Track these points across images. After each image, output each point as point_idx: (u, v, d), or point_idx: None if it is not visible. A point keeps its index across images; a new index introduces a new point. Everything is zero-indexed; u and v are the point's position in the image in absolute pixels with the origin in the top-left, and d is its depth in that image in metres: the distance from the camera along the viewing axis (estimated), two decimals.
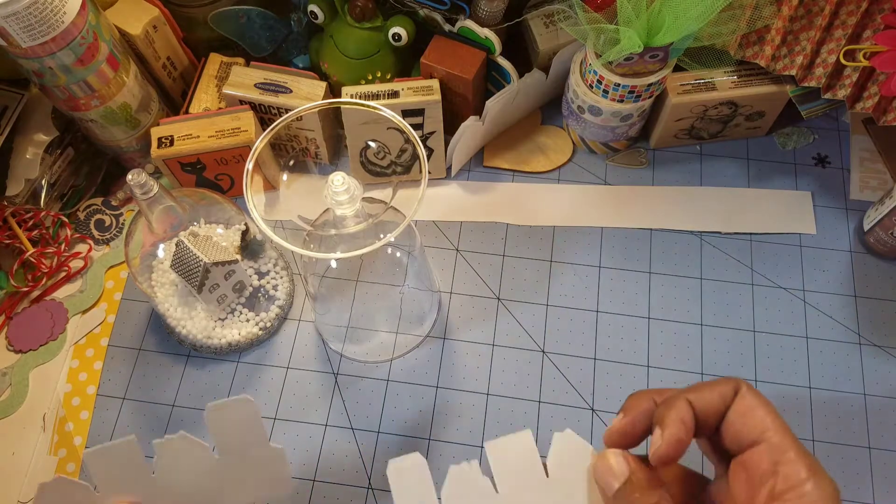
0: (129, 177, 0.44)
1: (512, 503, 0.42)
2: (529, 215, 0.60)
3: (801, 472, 0.30)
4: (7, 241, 0.57)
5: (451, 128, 0.58)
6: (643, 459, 0.34)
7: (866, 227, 0.56)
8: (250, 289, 0.54)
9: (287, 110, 0.57)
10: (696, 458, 0.36)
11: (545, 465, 0.43)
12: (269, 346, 0.55)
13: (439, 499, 0.47)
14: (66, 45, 0.48)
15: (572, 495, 0.42)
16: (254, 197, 0.41)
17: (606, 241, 0.59)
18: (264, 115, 0.58)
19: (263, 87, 0.57)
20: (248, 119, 0.56)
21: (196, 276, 0.48)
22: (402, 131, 0.57)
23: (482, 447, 0.51)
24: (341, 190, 0.42)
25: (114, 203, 0.62)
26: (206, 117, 0.56)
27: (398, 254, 0.53)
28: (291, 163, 0.62)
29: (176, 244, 0.48)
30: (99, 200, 0.61)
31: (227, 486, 0.40)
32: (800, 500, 0.30)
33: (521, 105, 0.61)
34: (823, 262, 0.57)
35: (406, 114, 0.55)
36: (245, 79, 0.57)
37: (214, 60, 0.60)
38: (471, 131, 0.57)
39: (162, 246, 0.51)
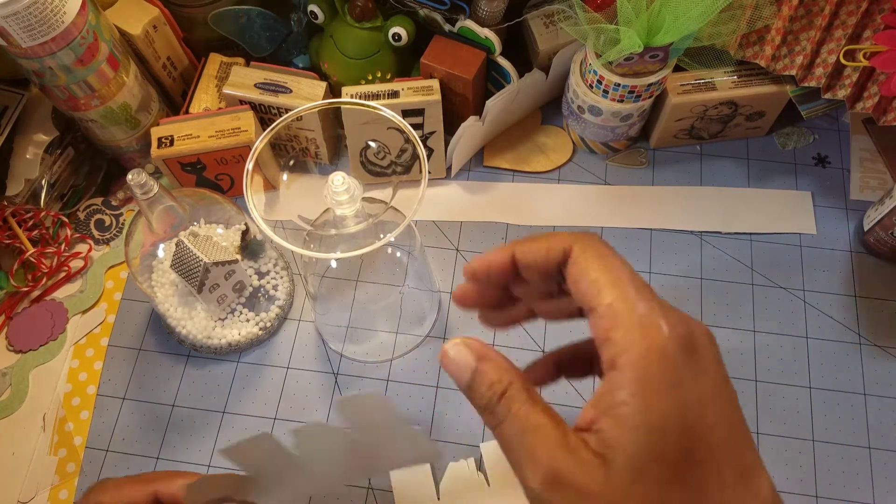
0: (129, 177, 0.44)
1: (501, 496, 0.49)
2: (529, 215, 0.60)
3: (630, 332, 0.28)
4: (7, 241, 0.57)
5: (451, 128, 0.58)
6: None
7: (866, 227, 0.56)
8: (250, 289, 0.54)
9: (287, 110, 0.57)
10: None
11: None
12: (269, 347, 0.55)
13: (438, 497, 0.50)
14: (66, 45, 0.48)
15: None
16: (254, 197, 0.41)
17: (606, 240, 0.59)
18: (264, 115, 0.58)
19: (263, 87, 0.57)
20: (248, 119, 0.56)
21: (196, 276, 0.48)
22: (402, 131, 0.57)
23: (480, 447, 0.51)
24: (341, 190, 0.42)
25: (114, 203, 0.62)
26: (206, 117, 0.56)
27: (398, 254, 0.53)
28: (291, 163, 0.63)
29: (176, 244, 0.48)
30: (99, 200, 0.62)
31: (371, 457, 0.37)
32: (635, 363, 0.28)
33: (521, 105, 0.61)
34: (823, 262, 0.57)
35: (406, 114, 0.55)
36: (245, 79, 0.57)
37: (214, 60, 0.60)
38: (471, 131, 0.57)
39: (162, 246, 0.51)
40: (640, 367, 0.28)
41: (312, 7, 0.57)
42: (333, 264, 0.53)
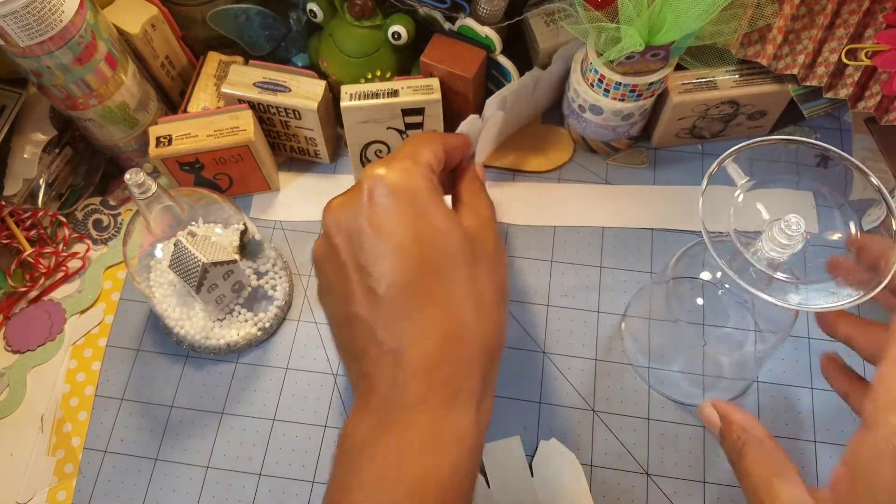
0: (128, 176, 0.44)
1: (501, 497, 0.49)
2: (529, 215, 0.60)
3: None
4: (5, 241, 0.57)
5: (451, 127, 0.58)
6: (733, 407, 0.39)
7: (868, 226, 0.56)
8: (249, 289, 0.53)
9: (286, 109, 0.57)
10: None
11: (531, 467, 0.50)
12: (267, 347, 0.55)
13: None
14: (64, 44, 0.47)
15: (553, 493, 0.49)
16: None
17: (607, 241, 0.59)
18: (263, 115, 0.58)
19: (262, 85, 0.56)
20: (246, 118, 0.55)
21: (194, 276, 0.48)
22: (401, 132, 0.57)
23: None
24: (796, 233, 0.39)
25: (112, 203, 0.61)
26: (205, 116, 0.56)
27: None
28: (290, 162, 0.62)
29: (174, 244, 0.48)
30: (97, 200, 0.61)
31: None
32: (879, 425, 0.31)
33: (534, 103, 0.61)
34: (825, 262, 0.57)
35: (406, 113, 0.55)
36: (244, 77, 0.57)
37: (213, 59, 0.60)
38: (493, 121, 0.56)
39: (160, 246, 0.51)
40: (886, 432, 0.30)
41: (311, 5, 0.57)
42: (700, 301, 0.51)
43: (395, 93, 0.55)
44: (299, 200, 0.61)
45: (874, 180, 0.41)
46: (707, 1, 0.47)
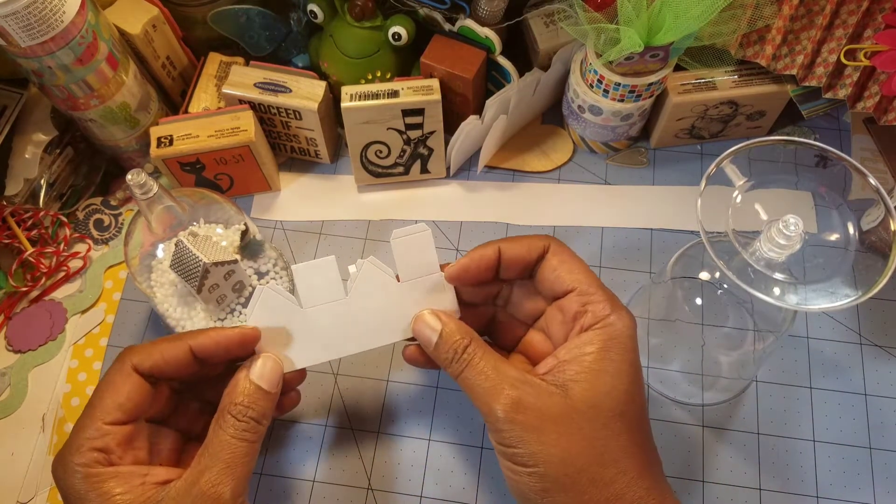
0: (129, 177, 0.44)
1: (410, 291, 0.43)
2: (529, 215, 0.60)
3: (605, 308, 0.38)
4: (6, 241, 0.57)
5: (451, 127, 0.58)
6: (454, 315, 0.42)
7: (867, 226, 0.56)
8: (250, 289, 0.54)
9: (287, 110, 0.57)
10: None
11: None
12: None
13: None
14: (65, 44, 0.48)
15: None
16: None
17: (606, 241, 0.59)
18: (264, 115, 0.58)
19: (263, 86, 0.57)
20: (247, 119, 0.55)
21: (195, 276, 0.48)
22: (401, 132, 0.57)
23: (482, 447, 0.51)
24: (794, 234, 0.40)
25: (113, 203, 0.61)
26: (206, 117, 0.56)
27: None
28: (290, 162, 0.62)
29: (175, 244, 0.48)
30: (98, 200, 0.61)
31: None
32: (604, 329, 0.38)
33: (531, 105, 0.61)
34: (824, 262, 0.57)
35: (406, 113, 0.55)
36: (244, 78, 0.57)
37: (214, 60, 0.60)
38: (499, 126, 0.57)
39: (161, 246, 0.51)
40: (608, 334, 0.37)
41: (312, 6, 0.57)
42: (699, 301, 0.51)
43: (395, 93, 0.55)
44: (300, 200, 0.61)
45: (873, 180, 0.41)
46: (706, 1, 0.47)
